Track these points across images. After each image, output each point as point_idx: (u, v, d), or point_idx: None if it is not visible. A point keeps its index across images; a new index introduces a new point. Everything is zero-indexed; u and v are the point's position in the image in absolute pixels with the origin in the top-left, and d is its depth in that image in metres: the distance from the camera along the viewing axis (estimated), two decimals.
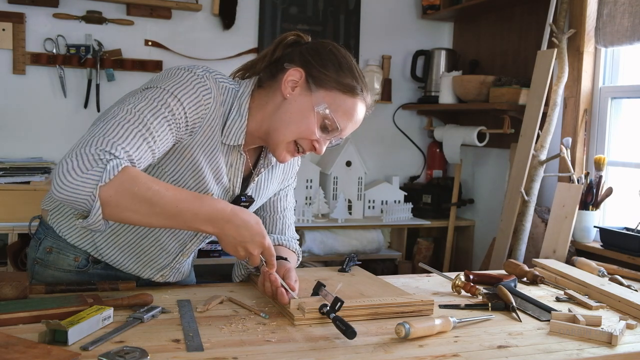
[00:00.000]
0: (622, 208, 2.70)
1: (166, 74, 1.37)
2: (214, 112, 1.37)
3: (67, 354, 1.06)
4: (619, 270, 1.98)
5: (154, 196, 1.19)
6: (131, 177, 1.17)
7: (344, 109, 1.39)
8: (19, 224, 2.76)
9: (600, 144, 2.76)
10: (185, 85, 1.32)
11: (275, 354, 1.17)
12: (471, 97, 3.22)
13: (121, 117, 1.23)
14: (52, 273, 1.52)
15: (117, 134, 1.20)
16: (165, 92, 1.31)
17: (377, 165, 3.77)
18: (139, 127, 1.23)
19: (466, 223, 3.62)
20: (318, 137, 1.39)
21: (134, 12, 3.20)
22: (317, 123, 1.38)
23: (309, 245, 3.25)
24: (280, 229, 1.70)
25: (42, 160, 3.03)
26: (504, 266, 1.96)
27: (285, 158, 1.42)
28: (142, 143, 1.23)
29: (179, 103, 1.31)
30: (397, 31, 3.74)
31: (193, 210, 1.22)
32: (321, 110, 1.37)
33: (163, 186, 1.22)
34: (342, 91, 1.39)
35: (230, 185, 1.47)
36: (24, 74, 3.07)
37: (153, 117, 1.26)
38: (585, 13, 2.75)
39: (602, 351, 1.29)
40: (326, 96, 1.38)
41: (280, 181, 1.65)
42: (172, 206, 1.20)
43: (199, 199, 1.25)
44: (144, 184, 1.18)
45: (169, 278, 1.60)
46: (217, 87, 1.38)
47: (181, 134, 1.34)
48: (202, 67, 1.41)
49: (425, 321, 1.31)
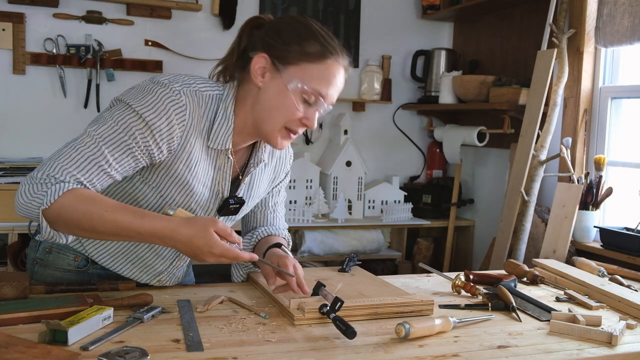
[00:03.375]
0: (622, 208, 2.70)
1: (141, 89, 1.33)
2: (191, 126, 1.35)
3: (67, 354, 1.06)
4: (619, 270, 1.98)
5: (93, 218, 1.23)
6: (73, 200, 1.22)
7: (318, 77, 1.36)
8: (19, 224, 2.77)
9: (600, 144, 2.76)
10: (156, 106, 1.30)
11: (275, 354, 1.17)
12: (471, 97, 3.22)
13: (80, 140, 1.28)
14: (52, 273, 1.52)
15: (70, 158, 1.26)
16: (133, 115, 1.29)
17: (377, 165, 3.77)
18: (93, 152, 1.27)
19: (466, 223, 3.62)
20: (304, 113, 1.37)
21: (134, 12, 3.21)
22: (297, 101, 1.35)
23: (309, 245, 3.25)
24: (270, 222, 1.71)
25: (42, 160, 3.02)
26: (504, 266, 1.96)
27: (282, 145, 1.41)
28: (94, 167, 1.26)
29: (146, 127, 1.29)
30: (397, 31, 3.74)
31: (135, 229, 1.24)
32: (295, 86, 1.35)
33: (104, 207, 1.24)
34: (310, 60, 1.35)
35: (219, 189, 1.47)
36: (24, 74, 3.07)
37: (111, 143, 1.28)
38: (585, 13, 2.75)
39: (602, 351, 1.28)
40: (296, 71, 1.35)
41: (272, 180, 1.65)
42: (112, 226, 1.24)
43: (140, 218, 1.24)
44: (84, 207, 1.22)
45: (166, 282, 1.60)
46: (195, 100, 1.35)
47: (154, 154, 1.32)
48: (182, 79, 1.37)
49: (425, 321, 1.31)
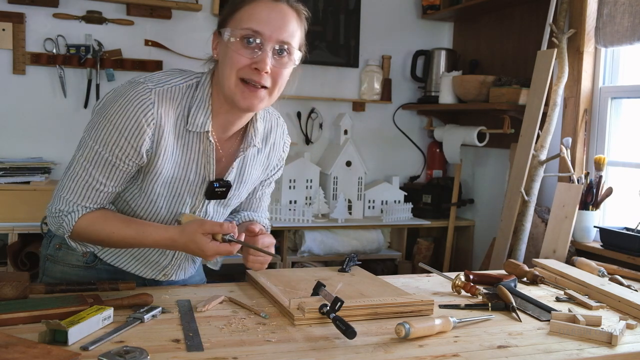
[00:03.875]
0: (622, 208, 2.70)
1: (117, 93, 1.38)
2: (162, 122, 1.37)
3: (67, 354, 1.06)
4: (619, 270, 1.98)
5: (104, 239, 1.41)
6: (85, 225, 1.40)
7: (247, 19, 1.35)
8: (19, 224, 2.77)
9: (600, 144, 2.76)
10: (125, 108, 1.34)
11: (275, 354, 1.17)
12: (471, 97, 3.22)
13: (72, 170, 1.40)
14: (61, 268, 1.56)
15: (69, 189, 1.40)
16: (107, 125, 1.35)
17: (377, 165, 3.77)
18: (85, 178, 1.39)
19: (466, 223, 3.62)
20: (250, 58, 1.35)
21: (134, 12, 3.20)
22: (237, 49, 1.35)
23: (309, 245, 3.25)
24: (254, 209, 1.72)
25: (42, 160, 3.03)
26: (504, 266, 1.96)
27: (247, 101, 1.38)
28: (91, 191, 1.40)
29: (119, 134, 1.35)
30: (397, 31, 3.75)
31: (140, 243, 1.41)
32: (229, 37, 1.36)
33: (111, 227, 1.40)
34: (236, 10, 1.38)
35: (205, 173, 1.48)
36: (24, 74, 3.07)
37: (96, 164, 1.38)
38: (585, 13, 2.75)
39: (602, 351, 1.29)
40: (229, 26, 1.38)
41: (265, 167, 1.63)
42: (122, 242, 1.42)
43: (142, 232, 1.39)
44: (96, 230, 1.40)
45: (172, 277, 1.62)
46: (167, 95, 1.38)
47: (136, 159, 1.38)
48: (158, 77, 1.40)
49: (425, 321, 1.31)
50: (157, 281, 1.62)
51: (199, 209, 1.52)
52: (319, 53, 3.55)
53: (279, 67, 1.38)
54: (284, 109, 3.49)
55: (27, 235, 2.80)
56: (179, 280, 1.66)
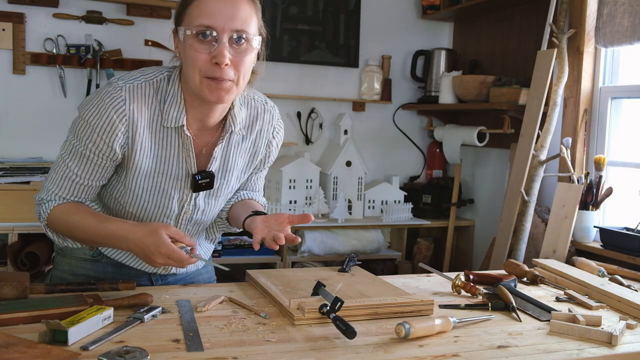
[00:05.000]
0: (622, 208, 2.70)
1: (93, 94, 1.43)
2: (135, 118, 1.39)
3: (67, 354, 1.06)
4: (619, 270, 1.98)
5: (71, 228, 1.44)
6: (58, 214, 1.44)
7: (197, 14, 1.35)
8: (19, 224, 2.77)
9: (600, 144, 2.76)
10: (97, 106, 1.38)
11: (275, 354, 1.17)
12: (471, 97, 3.22)
13: (56, 162, 1.47)
14: (69, 262, 1.61)
15: (51, 179, 1.46)
16: (82, 123, 1.40)
17: (377, 165, 3.77)
18: (63, 170, 1.44)
19: (466, 223, 3.62)
20: (208, 53, 1.34)
21: (134, 12, 3.20)
22: (193, 45, 1.35)
23: (309, 245, 3.25)
24: (250, 188, 1.72)
25: (42, 160, 3.03)
26: (504, 266, 1.96)
27: (214, 95, 1.37)
28: (70, 183, 1.44)
29: (92, 131, 1.39)
30: (397, 31, 3.74)
31: (98, 233, 1.40)
32: (184, 35, 1.36)
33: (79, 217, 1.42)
34: (187, 5, 1.38)
35: (187, 167, 1.49)
36: (24, 74, 3.07)
37: (72, 157, 1.43)
38: (585, 13, 2.75)
39: (602, 351, 1.28)
40: (183, 24, 1.38)
41: (252, 154, 1.61)
42: (84, 233, 1.42)
43: (102, 222, 1.41)
44: (65, 219, 1.44)
45: (172, 269, 1.64)
46: (138, 92, 1.40)
47: (110, 154, 1.41)
48: (130, 75, 1.43)
49: (425, 321, 1.31)
50: (161, 276, 1.65)
51: (187, 202, 1.53)
52: (319, 53, 3.55)
53: (240, 55, 1.37)
54: (284, 109, 3.50)
55: (27, 235, 2.80)
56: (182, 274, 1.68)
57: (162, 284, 1.66)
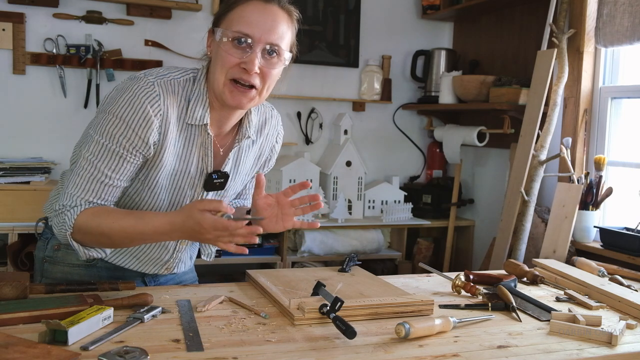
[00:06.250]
0: (622, 208, 2.70)
1: (119, 89, 1.40)
2: (168, 114, 1.40)
3: (67, 354, 1.06)
4: (619, 270, 1.98)
5: (104, 231, 1.35)
6: (87, 219, 1.36)
7: (237, 20, 1.38)
8: (19, 224, 2.76)
9: (600, 144, 2.76)
10: (131, 101, 1.36)
11: (275, 354, 1.17)
12: (471, 97, 3.22)
13: (79, 166, 1.40)
14: (61, 269, 1.57)
15: (75, 184, 1.39)
16: (113, 120, 1.36)
17: (377, 165, 3.77)
18: (91, 172, 1.38)
19: (466, 223, 3.62)
20: (239, 58, 1.38)
21: (134, 12, 3.20)
22: (227, 49, 1.38)
23: (308, 245, 3.25)
24: (243, 197, 1.75)
25: (42, 160, 3.03)
26: (504, 266, 1.96)
27: (235, 99, 1.41)
28: (99, 185, 1.38)
29: (126, 126, 1.36)
30: (397, 31, 3.74)
31: (140, 231, 1.35)
32: (220, 37, 1.39)
33: (112, 218, 1.35)
34: (229, 10, 1.40)
35: (203, 165, 1.50)
36: (24, 74, 3.07)
37: (103, 157, 1.38)
38: (585, 13, 2.75)
39: (602, 351, 1.29)
40: (222, 26, 1.40)
41: (257, 157, 1.65)
42: (122, 233, 1.35)
43: (141, 219, 1.35)
44: (97, 222, 1.35)
45: (174, 270, 1.64)
46: (169, 88, 1.41)
47: (143, 150, 1.39)
48: (157, 72, 1.43)
49: (425, 321, 1.31)
50: (153, 277, 1.64)
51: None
52: (319, 53, 3.55)
53: (268, 67, 1.41)
54: (284, 109, 3.50)
55: (27, 235, 2.79)
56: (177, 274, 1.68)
57: (155, 284, 1.66)
